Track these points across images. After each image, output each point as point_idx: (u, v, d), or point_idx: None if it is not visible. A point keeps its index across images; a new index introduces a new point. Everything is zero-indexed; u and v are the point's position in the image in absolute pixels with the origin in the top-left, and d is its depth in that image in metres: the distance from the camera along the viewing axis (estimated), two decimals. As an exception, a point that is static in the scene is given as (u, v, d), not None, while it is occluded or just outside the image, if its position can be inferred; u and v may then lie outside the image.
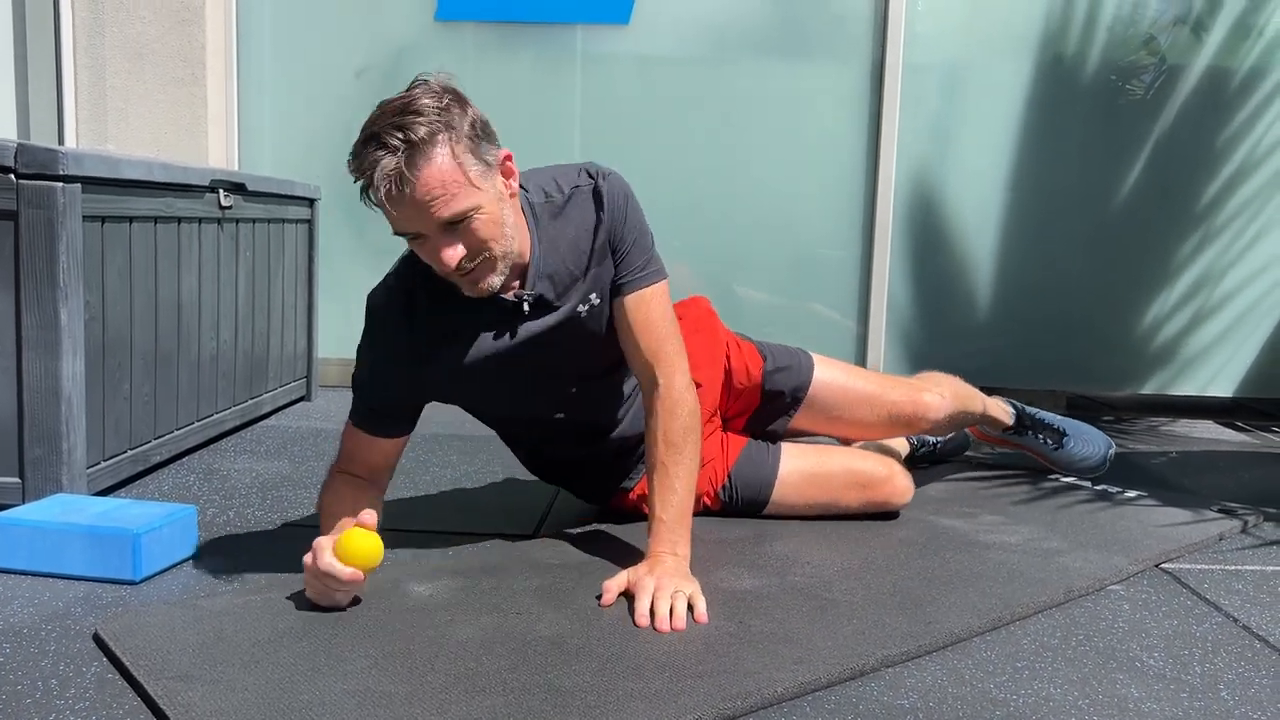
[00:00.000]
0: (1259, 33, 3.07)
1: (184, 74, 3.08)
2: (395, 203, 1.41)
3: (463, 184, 1.42)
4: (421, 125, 1.39)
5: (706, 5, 3.13)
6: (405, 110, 1.39)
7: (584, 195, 1.63)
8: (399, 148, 1.38)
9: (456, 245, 1.45)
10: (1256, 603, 1.60)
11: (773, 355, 2.01)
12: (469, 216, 1.44)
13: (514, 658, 1.27)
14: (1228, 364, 3.21)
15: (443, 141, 1.40)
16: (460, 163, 1.42)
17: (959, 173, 3.16)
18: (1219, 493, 2.26)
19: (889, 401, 2.00)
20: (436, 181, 1.40)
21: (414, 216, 1.42)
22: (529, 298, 1.59)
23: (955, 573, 1.65)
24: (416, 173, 1.38)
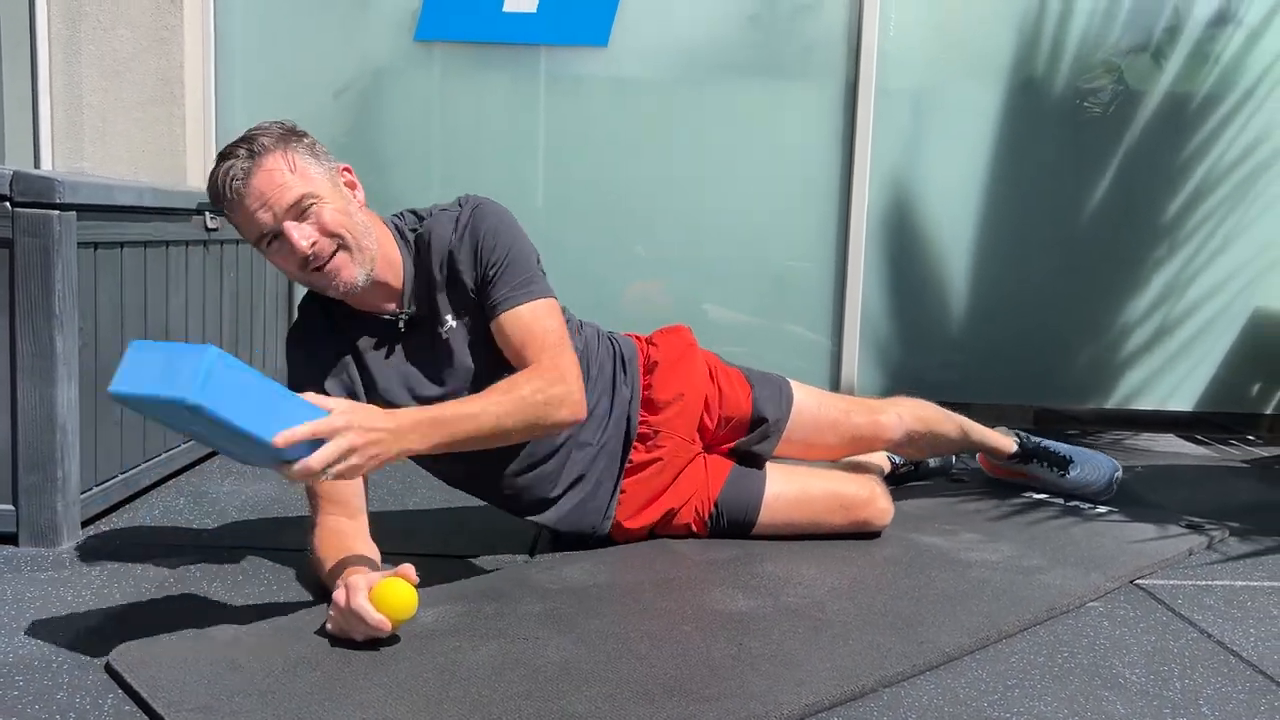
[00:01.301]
0: (1215, 60, 3.18)
1: (162, 93, 3.07)
2: (241, 197, 1.54)
3: (300, 174, 1.57)
4: (262, 137, 1.56)
5: (683, 28, 3.18)
6: (246, 134, 1.58)
7: (446, 217, 1.72)
8: (241, 154, 1.55)
9: (305, 230, 1.56)
10: (1228, 618, 1.67)
11: (758, 383, 2.07)
12: (310, 203, 1.56)
13: (525, 684, 1.30)
14: (1188, 378, 3.31)
15: (280, 147, 1.57)
16: (294, 160, 1.57)
17: (930, 193, 3.23)
18: (1184, 507, 2.34)
19: (852, 424, 2.11)
20: (273, 170, 1.54)
21: (258, 209, 1.54)
22: (403, 316, 1.69)
23: (941, 591, 1.71)
24: (255, 167, 1.54)
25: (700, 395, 1.98)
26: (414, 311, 1.70)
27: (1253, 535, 2.14)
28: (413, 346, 1.71)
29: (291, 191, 1.55)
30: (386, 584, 1.41)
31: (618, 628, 1.50)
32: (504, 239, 1.69)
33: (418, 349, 1.71)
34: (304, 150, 1.59)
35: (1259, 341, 3.30)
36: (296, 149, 1.58)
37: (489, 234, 1.68)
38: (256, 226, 1.56)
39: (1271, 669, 1.47)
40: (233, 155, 1.55)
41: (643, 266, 3.24)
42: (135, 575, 1.71)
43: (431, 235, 1.71)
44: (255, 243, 1.59)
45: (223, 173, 1.54)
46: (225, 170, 1.54)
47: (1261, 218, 3.24)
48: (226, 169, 1.54)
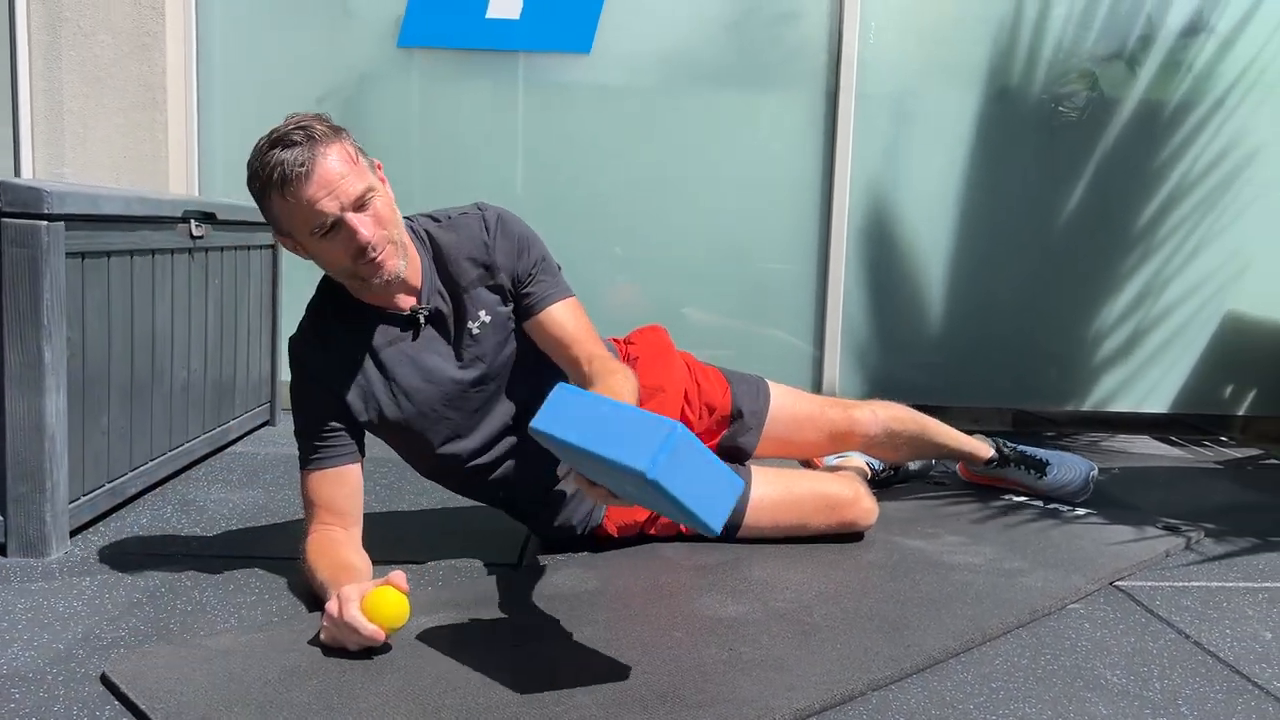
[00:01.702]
0: (1187, 68, 3.23)
1: (144, 99, 3.06)
2: (304, 184, 1.54)
3: (361, 168, 1.60)
4: (318, 127, 1.57)
5: (665, 36, 3.21)
6: (298, 123, 1.57)
7: (473, 219, 1.77)
8: (301, 141, 1.54)
9: (365, 220, 1.59)
10: (1205, 619, 1.71)
11: (735, 380, 2.11)
12: (370, 197, 1.59)
13: (520, 692, 1.32)
14: (1162, 381, 3.37)
15: (337, 138, 1.59)
16: (353, 152, 1.60)
17: (909, 198, 3.27)
18: (1160, 508, 2.39)
19: (828, 419, 2.16)
20: (340, 161, 1.56)
21: (323, 197, 1.55)
22: (425, 311, 1.72)
23: (926, 595, 1.74)
24: (321, 155, 1.55)
25: (680, 389, 2.02)
26: (433, 307, 1.72)
27: (1227, 536, 2.19)
28: (433, 342, 1.74)
29: (358, 183, 1.57)
30: (378, 594, 1.42)
31: (610, 634, 1.51)
32: (534, 242, 1.77)
33: (439, 344, 1.74)
34: (352, 144, 1.61)
35: (1231, 345, 3.36)
36: (347, 141, 1.60)
37: (523, 237, 1.76)
38: (316, 215, 1.55)
39: (1247, 669, 1.51)
40: (290, 143, 1.54)
41: (624, 270, 3.26)
42: (126, 585, 1.71)
43: (459, 236, 1.74)
44: (307, 232, 1.58)
45: (290, 159, 1.52)
46: (291, 157, 1.53)
47: (1233, 224, 3.30)
48: (293, 156, 1.52)
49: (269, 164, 1.54)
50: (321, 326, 1.74)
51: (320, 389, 1.71)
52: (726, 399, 2.05)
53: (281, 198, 1.55)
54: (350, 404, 1.71)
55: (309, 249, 1.62)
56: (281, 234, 1.64)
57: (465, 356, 1.75)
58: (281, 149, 1.54)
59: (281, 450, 2.72)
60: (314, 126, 1.56)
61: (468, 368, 1.75)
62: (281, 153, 1.53)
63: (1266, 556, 2.06)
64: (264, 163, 1.55)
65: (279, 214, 1.59)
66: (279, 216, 1.60)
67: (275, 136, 1.56)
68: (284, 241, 1.65)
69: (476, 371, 1.75)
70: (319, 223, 1.56)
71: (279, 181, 1.54)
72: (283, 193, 1.55)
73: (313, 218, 1.56)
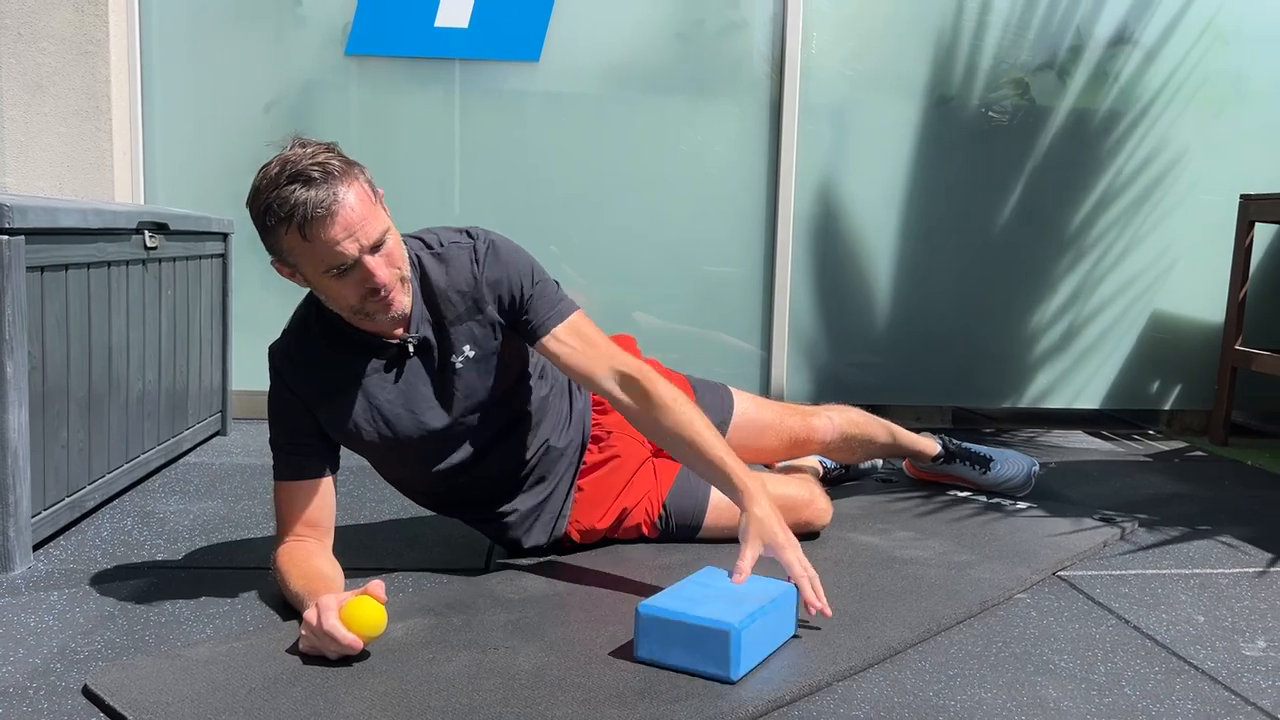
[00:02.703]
0: (1114, 78, 3.37)
1: (87, 106, 3.03)
2: (326, 226, 1.51)
3: (378, 209, 1.59)
4: (334, 162, 1.54)
5: (614, 45, 3.26)
6: (313, 156, 1.53)
7: (464, 250, 1.75)
8: (319, 179, 1.51)
9: (380, 262, 1.58)
10: (1142, 604, 1.81)
11: (700, 388, 2.17)
12: (386, 238, 1.59)
13: (503, 692, 1.36)
14: (1094, 378, 3.51)
15: (353, 174, 1.56)
16: (370, 191, 1.58)
17: (853, 203, 3.36)
18: (1096, 501, 2.50)
19: (787, 427, 2.23)
20: (359, 202, 1.54)
21: (344, 239, 1.53)
22: (413, 340, 1.71)
23: (882, 588, 1.81)
24: (342, 195, 1.52)
25: None
26: (421, 336, 1.72)
27: (1159, 526, 2.30)
28: (418, 371, 1.73)
29: (378, 226, 1.56)
30: (356, 603, 1.45)
31: (584, 635, 1.56)
32: (526, 268, 1.75)
33: (423, 374, 1.74)
34: (367, 179, 1.59)
35: (1157, 342, 3.51)
36: (362, 178, 1.58)
37: (513, 266, 1.74)
38: (336, 257, 1.53)
39: (1183, 651, 1.60)
40: (309, 179, 1.50)
41: (574, 276, 3.30)
42: (95, 598, 1.71)
43: (449, 268, 1.73)
44: (320, 271, 1.55)
45: (311, 199, 1.49)
46: (312, 197, 1.49)
47: (1158, 227, 3.45)
48: (314, 196, 1.49)
49: (290, 201, 1.50)
50: (306, 344, 1.72)
51: (299, 405, 1.71)
52: None
53: (300, 237, 1.52)
54: (329, 423, 1.72)
55: (317, 285, 1.60)
56: (283, 264, 1.60)
57: (447, 388, 1.75)
58: (303, 187, 1.50)
59: (236, 461, 2.72)
60: (331, 164, 1.52)
61: (449, 400, 1.75)
62: (303, 191, 1.50)
63: (1196, 544, 2.18)
64: (281, 199, 1.50)
65: (290, 250, 1.55)
66: (289, 251, 1.55)
67: (293, 170, 1.51)
68: (282, 270, 1.61)
69: (457, 403, 1.76)
70: (338, 265, 1.54)
71: (300, 222, 1.50)
72: (302, 232, 1.51)
73: (332, 259, 1.53)
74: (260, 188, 1.54)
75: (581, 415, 2.00)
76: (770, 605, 1.48)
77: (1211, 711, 1.40)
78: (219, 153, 3.19)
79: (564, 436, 1.94)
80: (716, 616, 1.41)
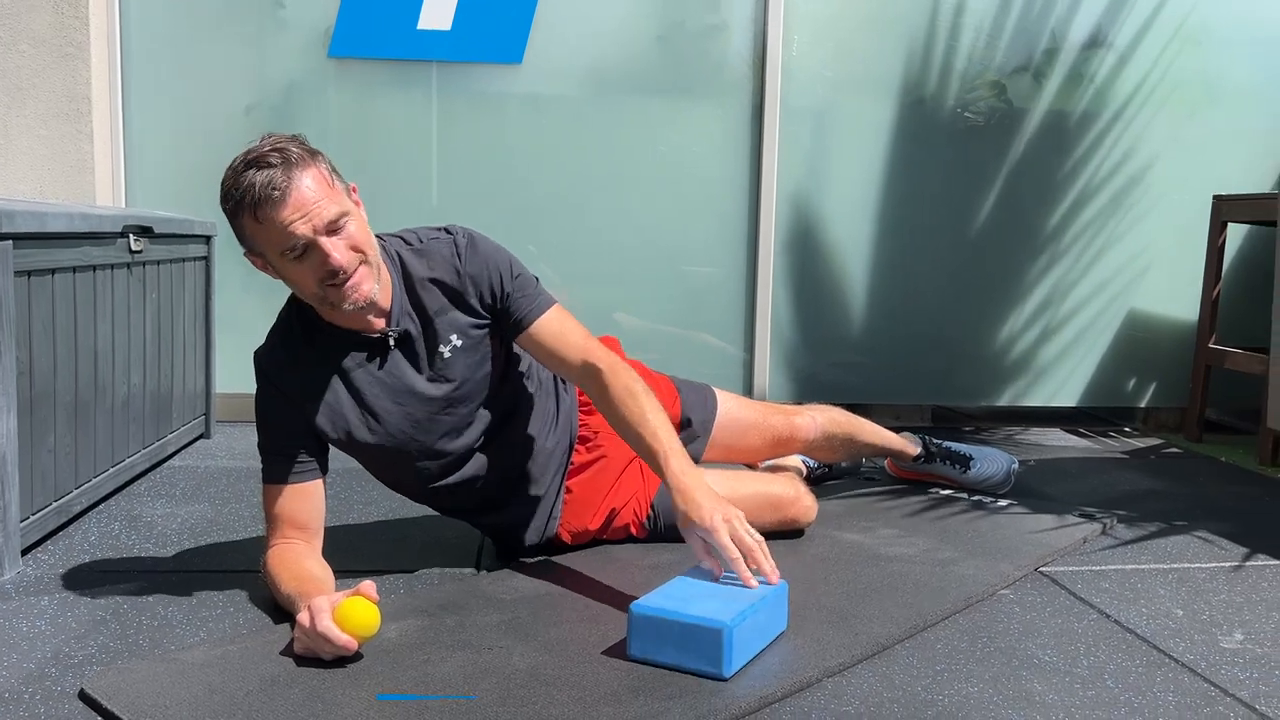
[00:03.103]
0: (1089, 80, 3.42)
1: (67, 109, 3.02)
2: (277, 206, 1.55)
3: (335, 191, 1.62)
4: (293, 148, 1.59)
5: (596, 47, 3.27)
6: (274, 145, 1.58)
7: (444, 244, 1.79)
8: (277, 163, 1.56)
9: (339, 244, 1.60)
10: (1123, 599, 1.84)
11: (684, 388, 2.19)
12: (344, 221, 1.61)
13: (499, 692, 1.38)
14: (1071, 376, 3.56)
15: (312, 161, 1.60)
16: (328, 176, 1.62)
17: (833, 205, 3.40)
18: (1075, 498, 2.54)
19: (770, 426, 2.25)
20: (315, 184, 1.58)
21: (295, 220, 1.56)
22: (394, 333, 1.74)
23: (869, 585, 1.84)
24: (296, 178, 1.56)
25: None
26: (403, 330, 1.74)
27: (1137, 522, 2.34)
28: (402, 363, 1.75)
29: (332, 207, 1.58)
30: (349, 603, 1.46)
31: (576, 634, 1.58)
32: (506, 261, 1.79)
33: (407, 365, 1.76)
34: (328, 167, 1.63)
35: (1133, 341, 3.56)
36: (323, 165, 1.62)
37: (494, 258, 1.78)
38: (289, 237, 1.56)
39: (1163, 644, 1.64)
40: (266, 164, 1.55)
41: (554, 277, 3.31)
42: (87, 602, 1.71)
43: (430, 261, 1.76)
44: (278, 253, 1.59)
45: (261, 181, 1.53)
46: (264, 179, 1.53)
47: (1133, 227, 3.50)
48: (266, 178, 1.54)
49: (242, 184, 1.55)
50: (290, 345, 1.74)
51: (287, 407, 1.72)
52: (676, 407, 2.13)
53: (254, 219, 1.56)
54: (318, 424, 1.73)
55: (280, 270, 1.63)
56: (252, 253, 1.64)
57: (435, 380, 1.77)
58: (256, 170, 1.54)
59: (221, 464, 2.72)
60: (289, 149, 1.57)
61: (437, 391, 1.77)
62: (256, 174, 1.54)
63: (1173, 540, 2.22)
64: (238, 183, 1.55)
65: (251, 234, 1.59)
66: (250, 236, 1.60)
67: (251, 157, 1.56)
68: (254, 260, 1.65)
69: (446, 395, 1.78)
70: (290, 245, 1.57)
71: (252, 203, 1.54)
72: (255, 214, 1.55)
73: (285, 239, 1.57)
74: (224, 178, 1.59)
75: (568, 416, 2.01)
76: (761, 602, 1.51)
77: (1192, 703, 1.44)
78: (200, 155, 3.18)
79: (551, 437, 1.95)
80: (708, 615, 1.43)
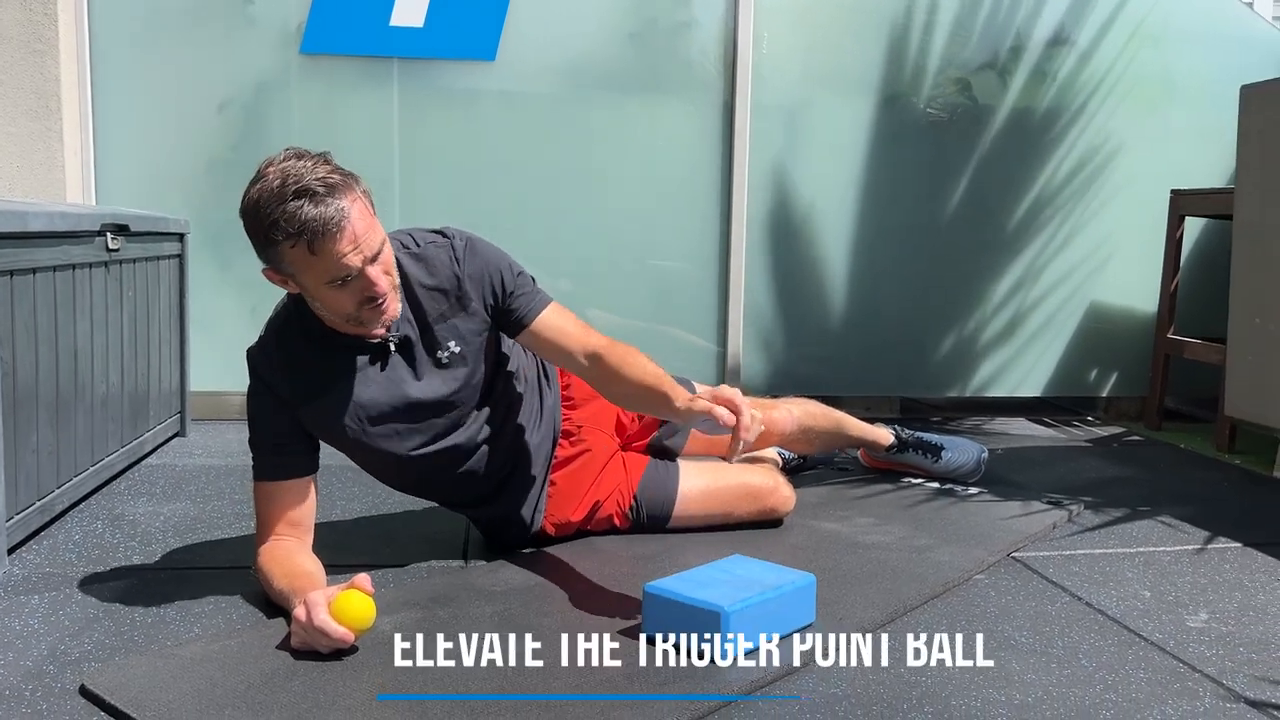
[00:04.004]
0: (1052, 77, 3.50)
1: (36, 107, 2.99)
2: (334, 241, 1.54)
3: (375, 219, 1.63)
4: (335, 176, 1.57)
5: (568, 45, 3.30)
6: (314, 170, 1.55)
7: (442, 249, 1.80)
8: (323, 195, 1.53)
9: (378, 272, 1.62)
10: (1092, 581, 1.91)
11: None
12: (384, 247, 1.63)
13: (497, 681, 1.41)
14: (1035, 366, 3.64)
15: (354, 186, 1.60)
16: (369, 204, 1.62)
17: (804, 201, 3.45)
18: (1042, 485, 2.61)
19: None
20: (362, 215, 1.58)
21: (349, 253, 1.56)
22: (394, 339, 1.76)
23: (848, 572, 1.89)
24: (347, 210, 1.55)
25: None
26: (402, 335, 1.76)
27: (1103, 508, 2.41)
28: (400, 367, 1.77)
29: (378, 237, 1.60)
30: (345, 597, 1.48)
31: (568, 624, 1.61)
32: (505, 263, 1.83)
33: (406, 371, 1.77)
34: (363, 190, 1.62)
35: (1094, 331, 3.65)
36: (359, 188, 1.60)
37: (492, 261, 1.81)
38: (342, 268, 1.56)
39: (1133, 624, 1.70)
40: (313, 196, 1.52)
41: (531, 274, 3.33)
42: (78, 600, 1.72)
43: (429, 267, 1.78)
44: (323, 283, 1.58)
45: (319, 215, 1.52)
46: (320, 214, 1.52)
47: (1094, 220, 3.59)
48: (322, 212, 1.52)
49: (295, 218, 1.52)
50: (287, 345, 1.74)
51: (280, 406, 1.73)
52: None
53: (307, 252, 1.54)
54: (310, 422, 1.74)
55: (315, 295, 1.62)
56: (279, 274, 1.62)
57: (432, 384, 1.79)
58: (310, 203, 1.52)
59: (199, 462, 2.72)
60: (333, 178, 1.56)
61: (434, 396, 1.79)
62: (310, 208, 1.52)
63: (1139, 524, 2.29)
64: (285, 213, 1.52)
65: (292, 261, 1.57)
66: (290, 264, 1.57)
67: (297, 186, 1.52)
68: (273, 277, 1.63)
69: (442, 399, 1.80)
70: (342, 276, 1.57)
71: (310, 239, 1.53)
72: (310, 248, 1.53)
73: (337, 272, 1.56)
74: (261, 201, 1.54)
75: (552, 411, 2.05)
76: (775, 592, 1.55)
77: (1162, 679, 1.50)
78: (172, 152, 3.17)
79: (537, 433, 1.98)
80: (712, 599, 1.48)
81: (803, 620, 1.62)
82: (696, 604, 1.49)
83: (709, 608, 1.48)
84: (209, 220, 3.10)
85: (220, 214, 1.57)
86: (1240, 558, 2.08)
